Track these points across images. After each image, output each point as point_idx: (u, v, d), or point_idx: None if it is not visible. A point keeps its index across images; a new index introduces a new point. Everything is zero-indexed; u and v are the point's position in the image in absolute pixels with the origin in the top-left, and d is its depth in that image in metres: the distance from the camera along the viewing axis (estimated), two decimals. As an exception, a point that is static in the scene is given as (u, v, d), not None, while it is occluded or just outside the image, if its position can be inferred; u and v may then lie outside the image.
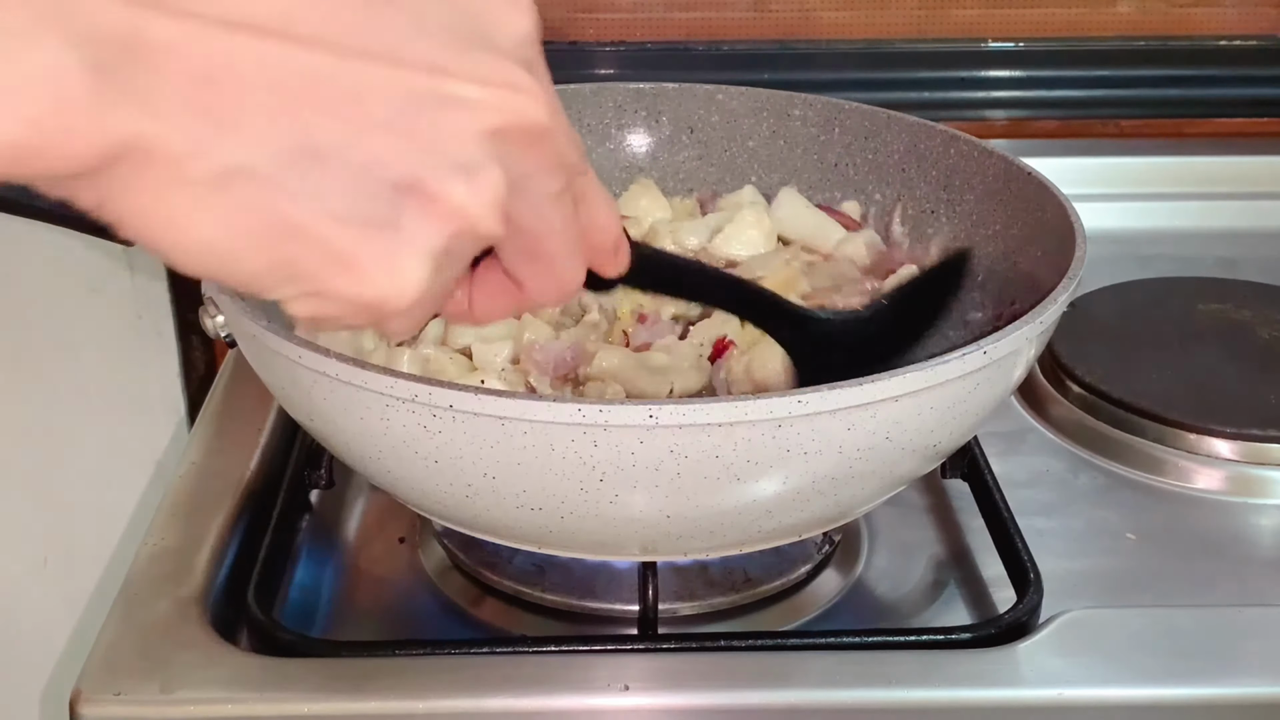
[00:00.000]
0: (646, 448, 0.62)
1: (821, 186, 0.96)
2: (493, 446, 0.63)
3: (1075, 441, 0.93)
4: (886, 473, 0.69)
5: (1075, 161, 1.20)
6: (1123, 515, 0.87)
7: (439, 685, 0.70)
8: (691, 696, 0.70)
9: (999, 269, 0.86)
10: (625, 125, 0.99)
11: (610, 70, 1.21)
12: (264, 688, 0.70)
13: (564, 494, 0.64)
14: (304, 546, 0.86)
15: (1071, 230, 0.78)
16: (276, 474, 0.87)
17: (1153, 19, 1.24)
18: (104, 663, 0.71)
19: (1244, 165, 1.23)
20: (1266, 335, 1.01)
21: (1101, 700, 0.70)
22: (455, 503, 0.68)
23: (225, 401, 0.95)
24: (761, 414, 0.62)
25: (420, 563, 0.83)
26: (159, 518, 0.83)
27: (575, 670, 0.71)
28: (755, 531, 0.70)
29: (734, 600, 0.79)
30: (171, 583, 0.77)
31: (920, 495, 0.88)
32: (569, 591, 0.79)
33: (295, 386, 0.68)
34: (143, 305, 1.28)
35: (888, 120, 0.94)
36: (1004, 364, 0.68)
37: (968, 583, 0.82)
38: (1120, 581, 0.81)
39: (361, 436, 0.67)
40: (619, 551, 0.72)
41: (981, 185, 0.88)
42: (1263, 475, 0.89)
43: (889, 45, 1.23)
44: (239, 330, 0.71)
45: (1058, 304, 0.71)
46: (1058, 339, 0.95)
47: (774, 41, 1.23)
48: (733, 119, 0.98)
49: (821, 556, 0.82)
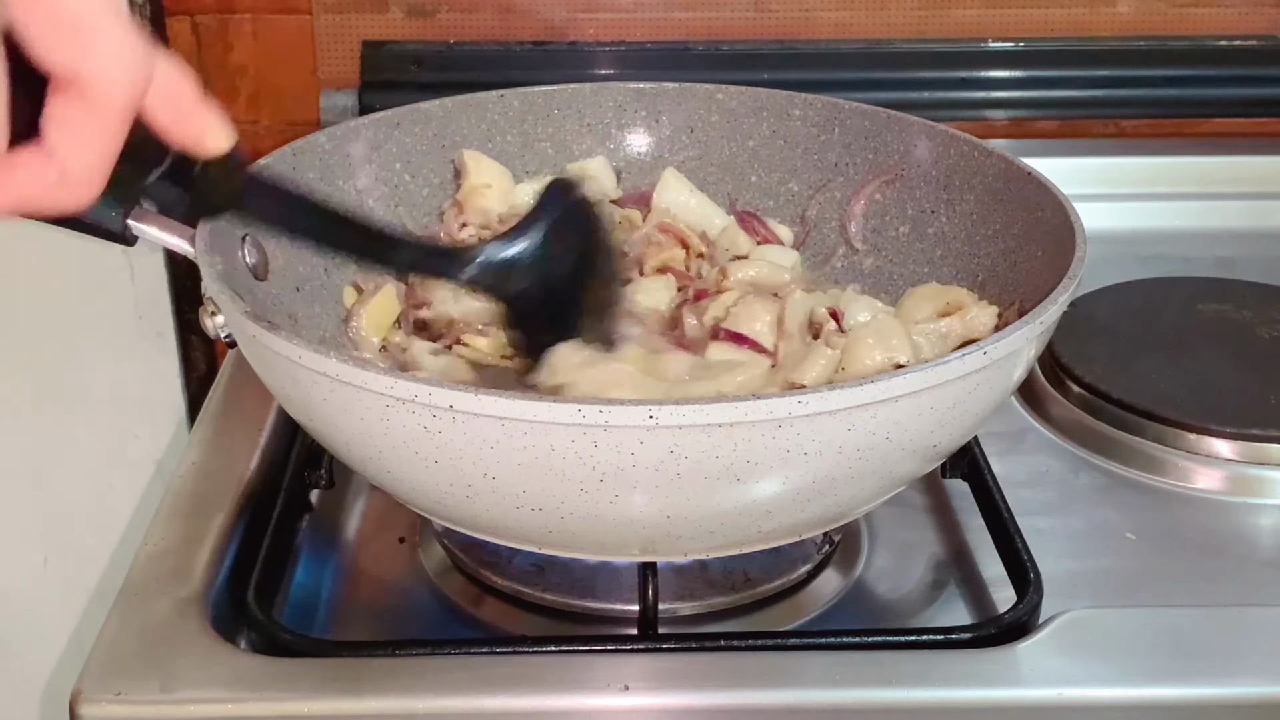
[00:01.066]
0: (646, 448, 0.62)
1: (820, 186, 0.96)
2: (493, 447, 0.63)
3: (1075, 441, 0.93)
4: (886, 473, 0.69)
5: (1075, 161, 1.20)
6: (1123, 515, 0.87)
7: (439, 685, 0.70)
8: (691, 696, 0.70)
9: (999, 269, 0.86)
10: (625, 125, 0.99)
11: (610, 70, 1.21)
12: (264, 688, 0.70)
13: (564, 494, 0.64)
14: (304, 546, 0.86)
15: (1071, 230, 0.78)
16: (276, 474, 0.87)
17: (1153, 19, 1.24)
18: (104, 663, 0.71)
19: (1244, 165, 1.23)
20: (1266, 335, 1.01)
21: (1101, 700, 0.70)
22: (455, 503, 0.68)
23: (225, 401, 0.95)
24: (761, 414, 0.62)
25: (420, 563, 0.83)
26: (159, 518, 0.83)
27: (575, 670, 0.71)
28: (755, 532, 0.70)
29: (734, 600, 0.79)
30: (171, 583, 0.77)
31: (920, 495, 0.88)
32: (569, 591, 0.79)
33: (295, 387, 0.68)
34: (143, 305, 1.28)
35: (887, 120, 0.94)
36: (1004, 364, 0.68)
37: (968, 583, 0.82)
38: (1120, 581, 0.81)
39: (361, 437, 0.67)
40: (619, 552, 0.72)
41: (981, 185, 0.88)
42: (1263, 475, 0.89)
43: (889, 45, 1.23)
44: (239, 331, 0.71)
45: (1058, 304, 0.71)
46: (1058, 339, 0.95)
47: (774, 41, 1.23)
48: (733, 119, 0.98)
49: (821, 557, 0.82)
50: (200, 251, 0.74)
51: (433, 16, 1.22)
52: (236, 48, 1.23)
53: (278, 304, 0.82)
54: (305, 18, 1.22)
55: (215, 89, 1.24)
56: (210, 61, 1.24)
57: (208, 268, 0.73)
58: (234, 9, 1.22)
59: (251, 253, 0.80)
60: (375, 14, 1.22)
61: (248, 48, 1.23)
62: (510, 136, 0.97)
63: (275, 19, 1.23)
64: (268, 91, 1.24)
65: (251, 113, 1.25)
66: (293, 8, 1.22)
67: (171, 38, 1.22)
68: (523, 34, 1.22)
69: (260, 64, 1.24)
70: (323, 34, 1.22)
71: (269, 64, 1.24)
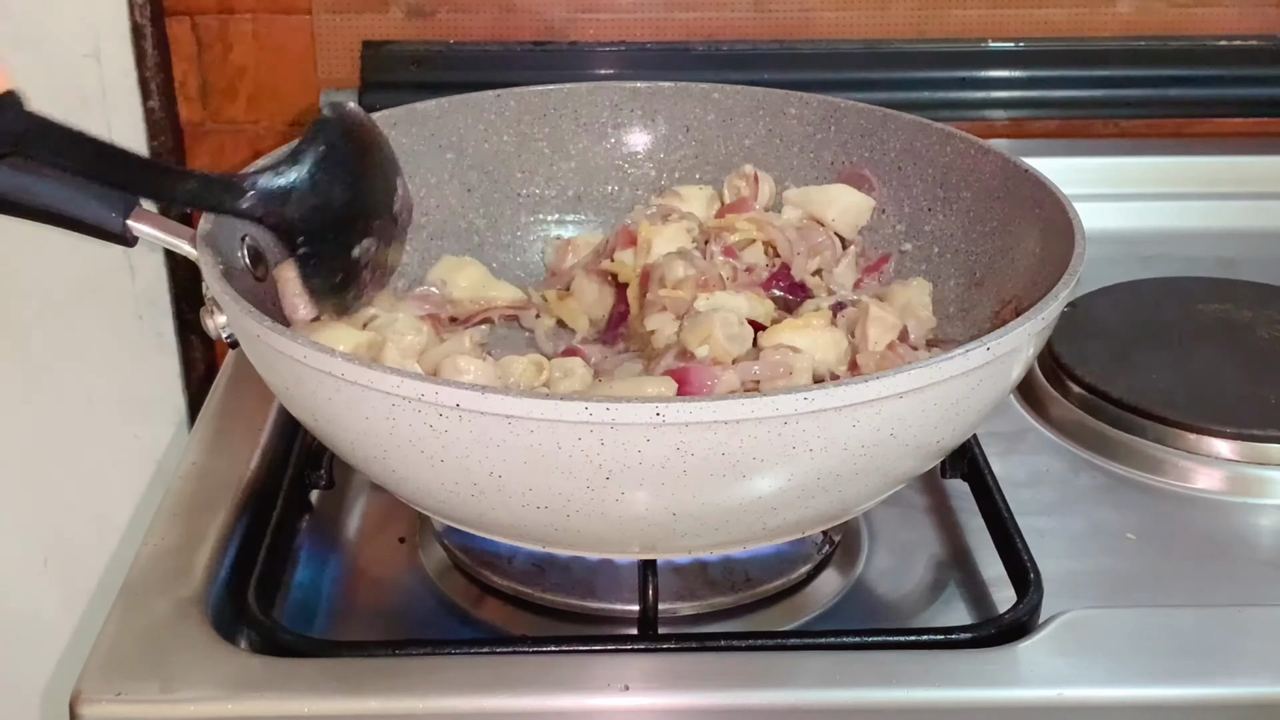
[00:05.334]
0: (653, 445, 0.62)
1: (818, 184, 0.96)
2: (499, 445, 0.63)
3: (1075, 441, 0.93)
4: (889, 469, 0.69)
5: (1075, 161, 1.20)
6: (1123, 515, 0.87)
7: (439, 685, 0.70)
8: (691, 696, 0.70)
9: (997, 266, 0.86)
10: (622, 124, 0.99)
11: (610, 70, 1.21)
12: (264, 688, 0.70)
13: (570, 492, 0.65)
14: (304, 546, 0.86)
15: (1070, 226, 0.78)
16: (276, 474, 0.87)
17: (1153, 19, 1.24)
18: (104, 663, 0.71)
19: (1244, 165, 1.23)
20: (1266, 335, 1.01)
21: (1101, 700, 0.70)
22: (460, 501, 0.68)
23: (225, 401, 0.95)
24: (768, 411, 0.62)
25: (420, 563, 0.83)
26: (159, 518, 0.83)
27: (575, 670, 0.71)
28: (759, 528, 0.70)
29: (734, 600, 0.79)
30: (171, 583, 0.77)
31: (920, 495, 0.88)
32: (569, 591, 0.79)
33: (299, 386, 0.68)
34: (143, 305, 1.28)
35: (884, 118, 0.94)
36: (1005, 361, 0.68)
37: (968, 583, 0.82)
38: (1120, 581, 0.81)
39: (367, 436, 0.67)
40: (622, 549, 0.72)
41: (978, 183, 0.88)
42: (1263, 475, 0.89)
43: (889, 45, 1.23)
44: (242, 330, 0.71)
45: (1059, 300, 0.71)
46: (1058, 339, 0.95)
47: (774, 42, 1.23)
48: (729, 118, 0.98)
49: (822, 556, 0.82)
50: (201, 251, 0.74)
51: (433, 16, 1.22)
52: (236, 48, 1.23)
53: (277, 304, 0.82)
54: (305, 18, 1.22)
55: (215, 89, 1.25)
56: (210, 61, 1.24)
57: (209, 268, 0.73)
58: (234, 9, 1.22)
59: (250, 253, 0.80)
60: (375, 14, 1.22)
61: (248, 48, 1.23)
62: (506, 136, 0.97)
63: (275, 19, 1.23)
64: (268, 91, 1.24)
65: (251, 113, 1.25)
66: (293, 8, 1.22)
67: (171, 38, 1.22)
68: (523, 34, 1.22)
69: (260, 64, 1.24)
70: (323, 34, 1.22)
71: (269, 64, 1.24)
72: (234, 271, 0.77)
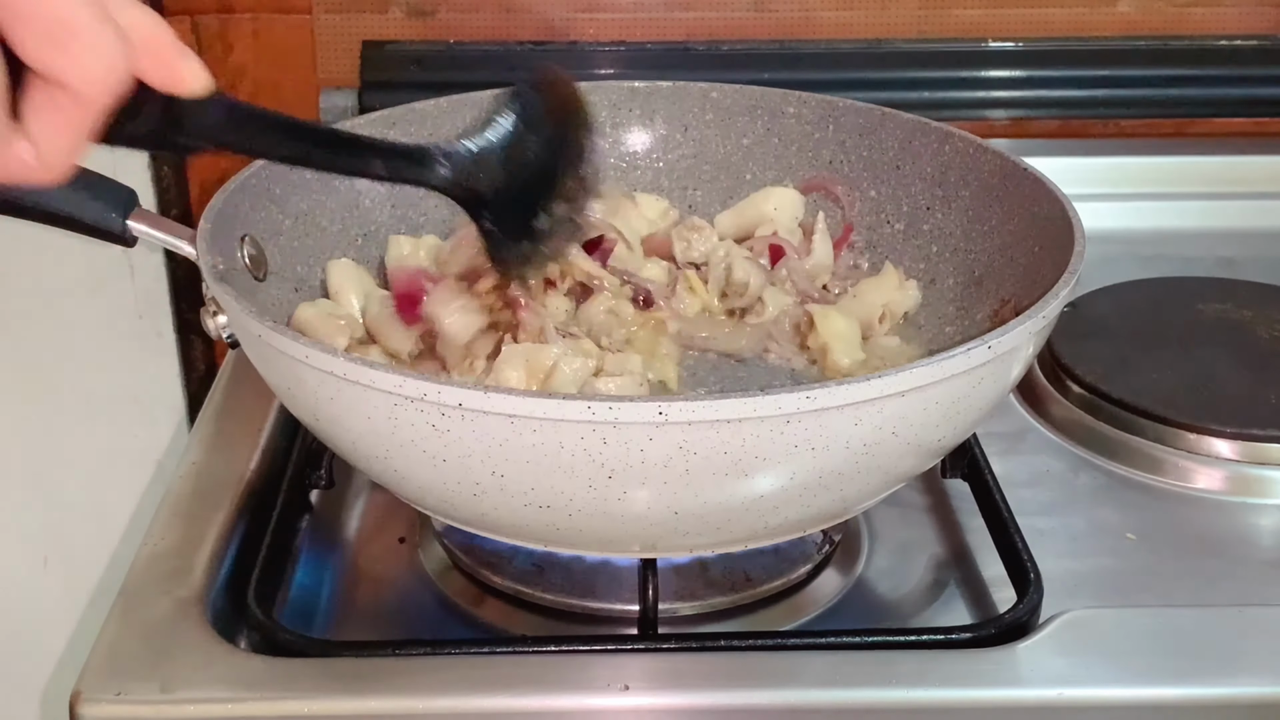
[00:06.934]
0: (656, 444, 0.62)
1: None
2: (501, 444, 0.63)
3: (1075, 441, 0.93)
4: (891, 468, 0.69)
5: (1075, 161, 1.20)
6: (1123, 515, 0.87)
7: (439, 685, 0.70)
8: (691, 696, 0.70)
9: (996, 265, 0.86)
10: (620, 124, 0.99)
11: (610, 70, 1.21)
12: (264, 688, 0.70)
13: (572, 491, 0.64)
14: (304, 546, 0.86)
15: (1069, 225, 0.78)
16: (276, 474, 0.87)
17: (1153, 19, 1.24)
18: (104, 663, 0.71)
19: (1244, 165, 1.23)
20: (1266, 335, 1.01)
21: (1101, 700, 0.70)
22: (462, 501, 0.68)
23: (225, 401, 0.95)
24: (770, 410, 0.62)
25: (420, 563, 0.83)
26: (159, 518, 0.83)
27: (575, 670, 0.71)
28: (760, 527, 0.70)
29: (734, 600, 0.79)
30: (171, 583, 0.77)
31: (920, 495, 0.88)
32: (569, 591, 0.79)
33: (300, 386, 0.68)
34: (143, 305, 1.28)
35: (882, 117, 0.94)
36: (1006, 359, 0.68)
37: (968, 583, 0.82)
38: (1120, 581, 0.81)
39: (368, 436, 0.67)
40: (623, 548, 0.72)
41: (977, 181, 0.88)
42: (1263, 475, 0.89)
43: (889, 45, 1.23)
44: (243, 330, 0.71)
45: (1059, 299, 0.71)
46: (1058, 339, 0.95)
47: (774, 41, 1.23)
48: (727, 117, 0.98)
49: (822, 556, 0.82)
50: (201, 252, 0.74)
51: (433, 16, 1.22)
52: (236, 48, 1.23)
53: (277, 304, 0.82)
54: (305, 18, 1.22)
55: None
56: (210, 61, 1.22)
57: (208, 268, 0.73)
58: (234, 9, 1.22)
59: (250, 253, 0.80)
60: (375, 14, 1.22)
61: (248, 48, 1.23)
62: (505, 135, 0.97)
63: (275, 19, 1.22)
64: (268, 91, 1.24)
65: (251, 113, 1.25)
66: (293, 8, 1.22)
67: (171, 38, 1.22)
68: (523, 34, 1.22)
69: (260, 64, 1.24)
70: (323, 34, 1.22)
71: (269, 64, 1.24)
72: (233, 272, 0.77)
